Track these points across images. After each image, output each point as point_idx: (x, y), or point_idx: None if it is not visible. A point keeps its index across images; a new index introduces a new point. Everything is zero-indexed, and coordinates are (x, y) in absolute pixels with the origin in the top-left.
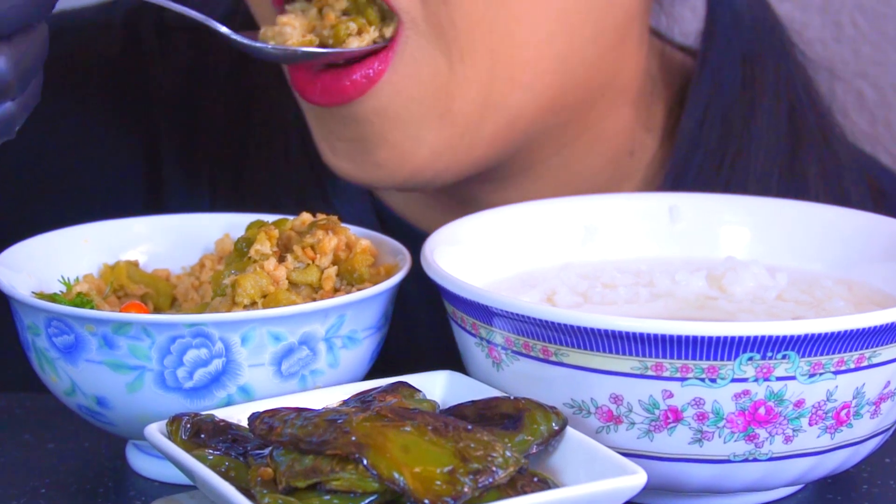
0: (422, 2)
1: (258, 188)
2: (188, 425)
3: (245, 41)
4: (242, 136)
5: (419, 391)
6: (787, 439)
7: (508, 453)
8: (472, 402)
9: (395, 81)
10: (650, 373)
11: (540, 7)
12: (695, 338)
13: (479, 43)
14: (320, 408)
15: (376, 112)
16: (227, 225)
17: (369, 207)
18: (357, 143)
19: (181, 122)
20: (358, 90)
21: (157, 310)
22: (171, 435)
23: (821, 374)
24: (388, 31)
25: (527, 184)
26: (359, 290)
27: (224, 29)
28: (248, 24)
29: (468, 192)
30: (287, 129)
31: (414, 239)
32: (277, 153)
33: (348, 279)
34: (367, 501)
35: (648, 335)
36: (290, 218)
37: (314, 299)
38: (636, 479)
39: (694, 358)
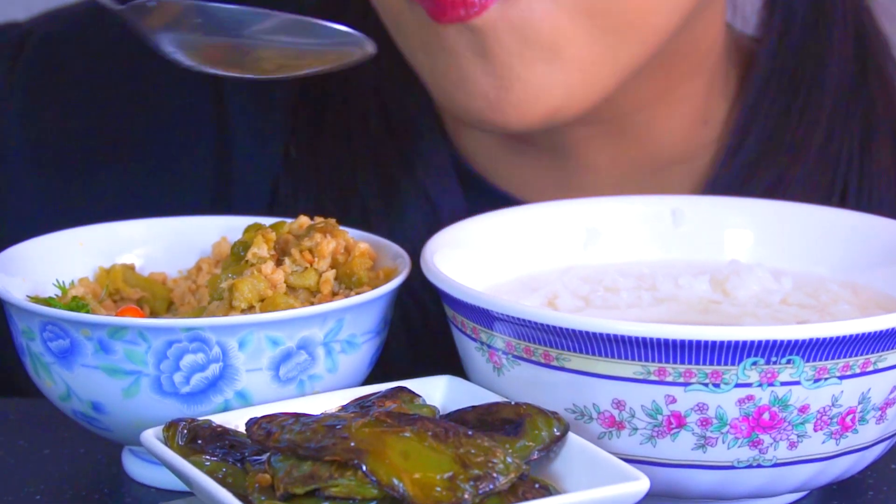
0: None
1: (333, 155)
2: (185, 431)
3: None
4: (318, 103)
5: (419, 396)
6: (792, 445)
7: (509, 459)
8: (473, 407)
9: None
10: (653, 378)
11: None
12: (698, 342)
13: (613, 12)
14: (319, 413)
15: (506, 20)
16: (225, 228)
17: (452, 173)
18: (496, 79)
19: (254, 89)
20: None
21: (153, 314)
22: (168, 441)
23: (826, 378)
24: None
25: (613, 136)
26: (357, 293)
27: None
28: None
29: (561, 139)
30: (366, 98)
31: (500, 202)
32: (355, 120)
33: (347, 283)
34: None
35: (651, 339)
36: (288, 221)
37: (312, 303)
38: (639, 485)
39: (697, 363)
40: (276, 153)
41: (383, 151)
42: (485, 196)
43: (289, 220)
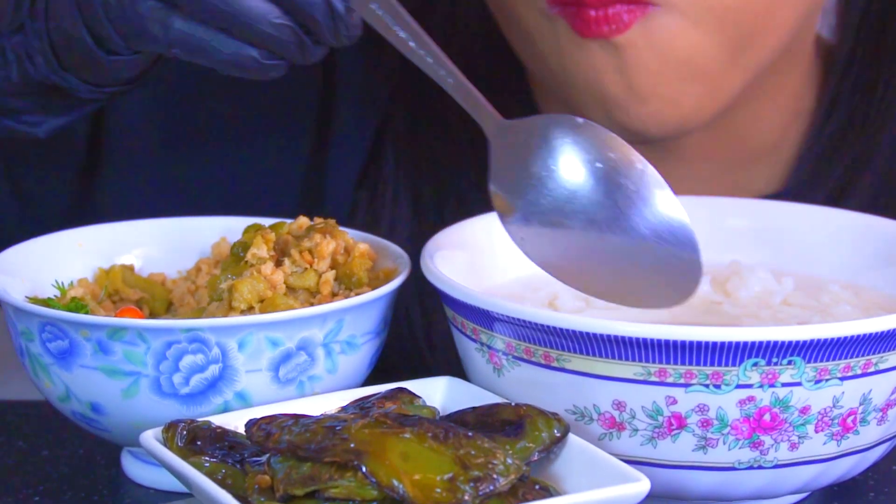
0: None
1: (431, 145)
2: (184, 432)
3: None
4: (415, 92)
5: (419, 397)
6: (793, 446)
7: (509, 460)
8: (473, 408)
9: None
10: (653, 379)
11: None
12: (699, 343)
13: (743, 23)
14: (318, 414)
15: (646, 38)
16: (224, 229)
17: None
18: (633, 94)
19: (359, 63)
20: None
21: (152, 315)
22: (167, 442)
23: (827, 380)
24: None
25: (710, 130)
26: (357, 294)
27: None
28: None
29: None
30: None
31: None
32: (452, 110)
33: (347, 283)
34: None
35: (652, 340)
36: (288, 221)
37: (312, 304)
38: (639, 486)
39: (698, 364)
40: (369, 137)
41: (482, 143)
42: None
43: (288, 221)
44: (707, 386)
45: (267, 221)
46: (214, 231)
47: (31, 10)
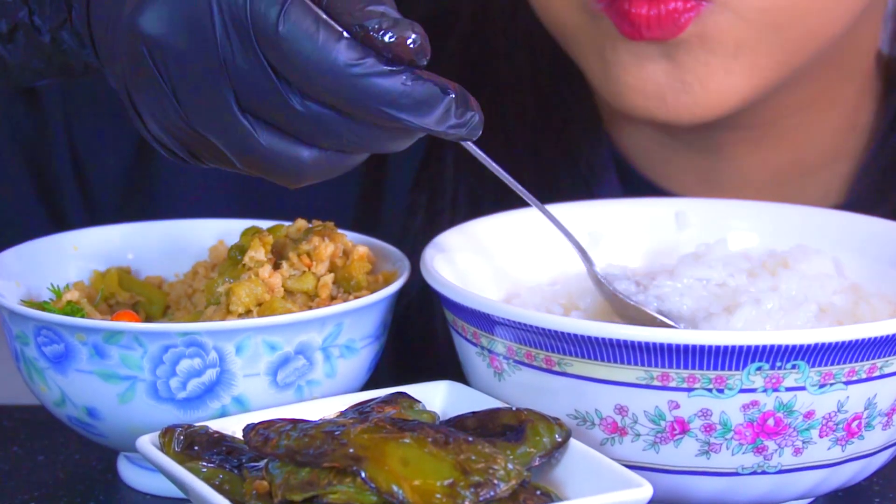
0: None
1: (491, 146)
2: (181, 437)
3: None
4: (475, 82)
5: (419, 402)
6: (797, 451)
7: (510, 466)
8: (473, 413)
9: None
10: (656, 383)
11: None
12: (702, 347)
13: (795, 26)
14: (317, 419)
15: (699, 36)
16: (221, 231)
17: (612, 167)
18: (678, 83)
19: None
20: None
21: (149, 318)
22: (164, 447)
23: (831, 384)
24: None
25: (764, 140)
26: (356, 297)
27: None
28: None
29: (714, 141)
30: (524, 92)
31: (656, 194)
32: (511, 114)
33: (345, 287)
34: None
35: (654, 344)
36: (286, 224)
37: (310, 307)
38: (642, 492)
39: (701, 368)
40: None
41: (543, 145)
42: (641, 191)
43: (287, 223)
44: (710, 390)
45: (264, 224)
46: (211, 234)
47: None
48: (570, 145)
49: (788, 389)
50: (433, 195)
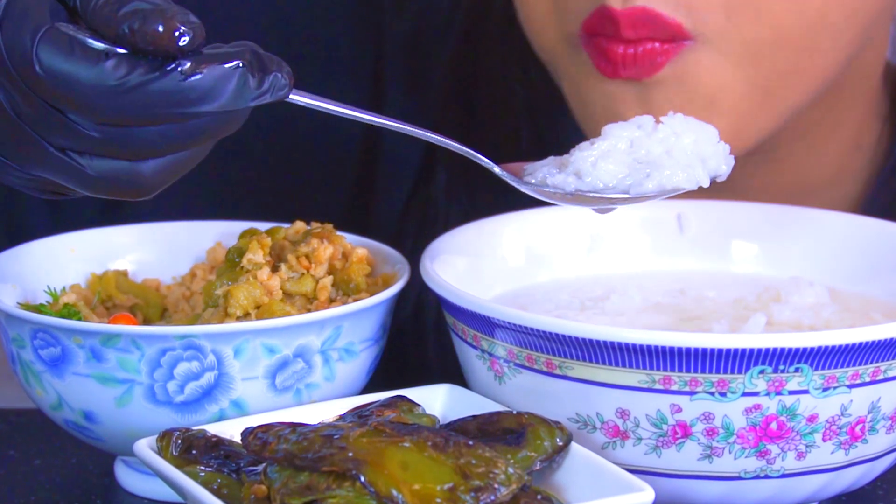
0: (726, 17)
1: (484, 170)
2: (179, 441)
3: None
4: (466, 116)
5: (418, 405)
6: (800, 455)
7: (511, 470)
8: (474, 416)
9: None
10: (658, 386)
11: (846, 15)
12: (704, 350)
13: (778, 59)
14: (316, 423)
15: (676, 75)
16: (219, 233)
17: None
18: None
19: (410, 68)
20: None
21: (146, 321)
22: (162, 451)
23: (835, 387)
24: None
25: (766, 163)
26: (355, 300)
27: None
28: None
29: None
30: (517, 116)
31: None
32: (505, 136)
33: (344, 289)
34: None
35: (656, 347)
36: (285, 226)
37: (309, 310)
38: (643, 496)
39: (703, 371)
40: (419, 154)
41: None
42: None
43: (285, 226)
44: (713, 394)
45: (263, 226)
46: (209, 236)
47: None
48: None
49: (791, 393)
50: (424, 214)
